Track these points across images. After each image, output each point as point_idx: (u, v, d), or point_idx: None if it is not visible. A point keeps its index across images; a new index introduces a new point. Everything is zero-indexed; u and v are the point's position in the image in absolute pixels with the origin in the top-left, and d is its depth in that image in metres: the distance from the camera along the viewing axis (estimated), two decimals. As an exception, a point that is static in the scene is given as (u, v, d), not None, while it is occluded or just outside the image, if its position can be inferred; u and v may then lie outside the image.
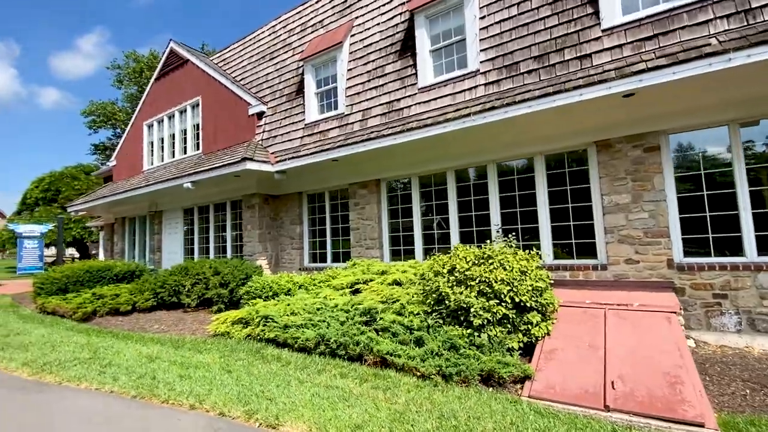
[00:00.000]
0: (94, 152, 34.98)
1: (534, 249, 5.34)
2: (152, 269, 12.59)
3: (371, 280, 6.45)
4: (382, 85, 7.90)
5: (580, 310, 5.25)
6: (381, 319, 5.00)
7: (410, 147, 7.11)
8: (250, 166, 8.34)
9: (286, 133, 9.46)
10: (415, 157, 7.59)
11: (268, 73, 10.72)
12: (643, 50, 5.25)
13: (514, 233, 6.35)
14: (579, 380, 3.86)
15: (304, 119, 9.19)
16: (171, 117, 12.89)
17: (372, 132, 7.39)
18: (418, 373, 4.12)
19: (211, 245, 11.28)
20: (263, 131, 10.01)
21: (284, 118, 9.65)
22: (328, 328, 4.94)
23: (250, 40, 12.00)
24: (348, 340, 4.64)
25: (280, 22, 11.08)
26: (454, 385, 3.91)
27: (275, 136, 9.68)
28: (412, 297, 5.45)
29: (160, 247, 12.98)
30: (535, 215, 6.57)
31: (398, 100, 7.59)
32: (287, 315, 5.47)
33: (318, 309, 5.53)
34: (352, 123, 8.20)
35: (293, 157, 8.44)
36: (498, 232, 6.58)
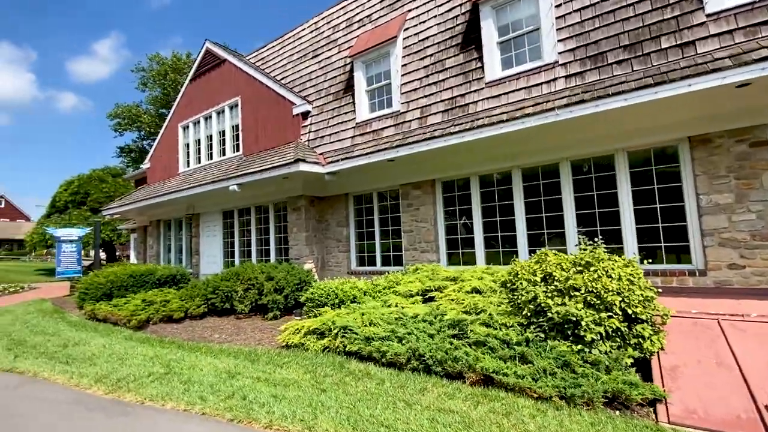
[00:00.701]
0: (120, 155, 35.35)
1: (632, 255, 4.92)
2: (191, 273, 12.45)
3: (443, 288, 6.10)
4: (443, 81, 7.52)
5: (687, 321, 4.81)
6: (471, 331, 4.65)
7: (475, 145, 6.72)
8: (302, 167, 8.05)
9: (335, 133, 9.15)
10: (477, 156, 7.20)
11: (311, 72, 10.42)
12: (759, 36, 4.77)
13: (602, 237, 5.91)
14: (723, 404, 3.44)
15: (354, 118, 8.87)
16: (208, 118, 12.70)
17: (435, 130, 7.02)
18: (535, 395, 3.74)
19: (253, 248, 11.05)
20: (309, 131, 9.72)
21: (332, 118, 9.34)
22: (417, 341, 4.59)
23: (290, 37, 11.72)
24: (445, 355, 4.29)
25: (322, 18, 10.77)
26: (579, 408, 3.53)
27: (323, 137, 9.38)
28: (499, 307, 5.07)
29: (198, 250, 12.82)
30: (616, 216, 6.13)
31: (462, 95, 7.20)
32: (366, 326, 5.14)
33: (396, 319, 5.20)
34: (410, 121, 7.84)
35: (346, 158, 8.12)
36: (581, 235, 6.15)
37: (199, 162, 12.90)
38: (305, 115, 9.88)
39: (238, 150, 11.54)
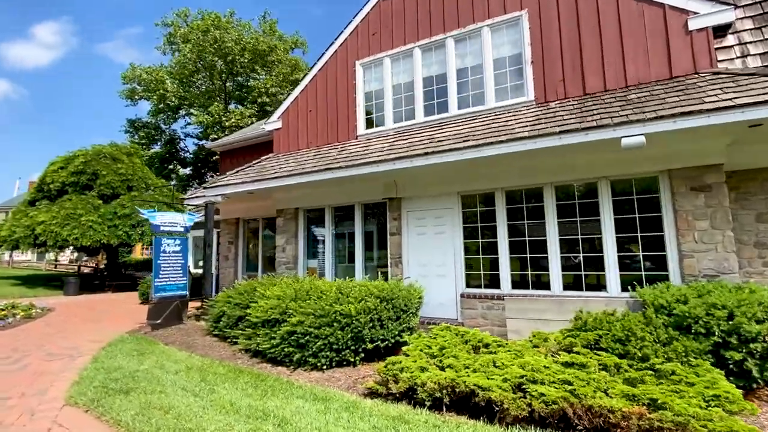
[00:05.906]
0: (128, 130, 27.76)
1: None
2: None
3: None
4: None
5: None
6: None
7: None
8: None
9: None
10: None
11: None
12: None
13: None
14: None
15: None
16: (432, 49, 8.11)
17: None
18: None
19: (553, 255, 6.56)
20: (742, 55, 5.61)
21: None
22: None
23: None
24: None
25: None
26: None
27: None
28: None
29: (400, 256, 8.04)
30: None
31: None
32: None
33: None
34: None
35: None
36: None
37: (412, 117, 8.22)
38: (720, 30, 5.78)
39: (516, 94, 7.12)
